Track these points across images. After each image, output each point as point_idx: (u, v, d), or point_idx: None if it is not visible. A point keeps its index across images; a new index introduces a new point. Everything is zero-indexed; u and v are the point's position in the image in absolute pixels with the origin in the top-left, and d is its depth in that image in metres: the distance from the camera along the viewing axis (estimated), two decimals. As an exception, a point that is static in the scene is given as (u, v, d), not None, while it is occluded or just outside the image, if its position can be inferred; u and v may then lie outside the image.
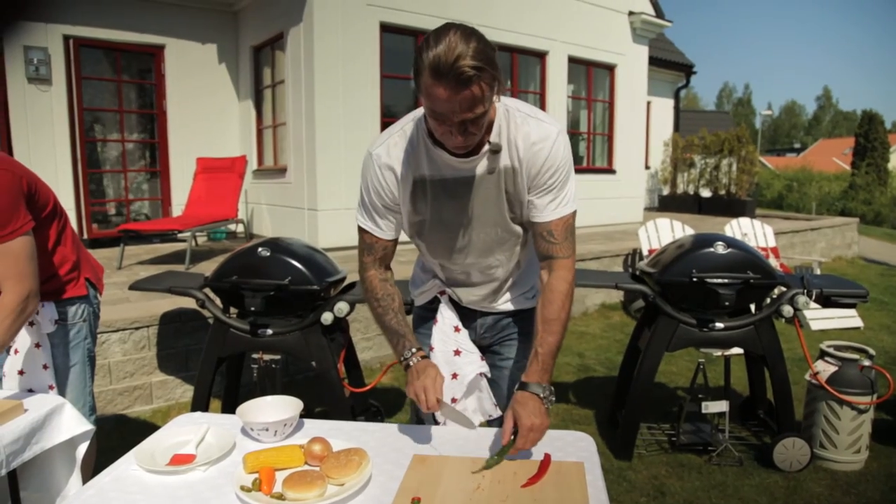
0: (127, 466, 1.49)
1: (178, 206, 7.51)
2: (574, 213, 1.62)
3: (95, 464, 2.16)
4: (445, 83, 1.30)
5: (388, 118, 6.79)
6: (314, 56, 6.24)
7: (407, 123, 1.61)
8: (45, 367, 2.15)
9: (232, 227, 7.64)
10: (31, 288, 1.90)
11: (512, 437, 1.46)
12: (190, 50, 7.58)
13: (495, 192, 1.59)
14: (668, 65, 13.17)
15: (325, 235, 6.28)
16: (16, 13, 6.36)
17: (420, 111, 1.56)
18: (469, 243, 1.69)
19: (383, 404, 3.48)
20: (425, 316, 1.92)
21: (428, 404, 1.52)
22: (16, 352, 2.13)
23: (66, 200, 6.86)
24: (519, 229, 1.67)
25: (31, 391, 2.08)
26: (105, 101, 7.50)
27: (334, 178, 6.43)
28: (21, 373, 2.13)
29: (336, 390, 2.78)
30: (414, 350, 1.64)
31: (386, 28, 6.70)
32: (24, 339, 2.13)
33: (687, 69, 13.94)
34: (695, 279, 2.97)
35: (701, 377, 3.23)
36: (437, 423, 1.77)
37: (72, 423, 1.98)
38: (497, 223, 1.65)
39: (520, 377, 1.58)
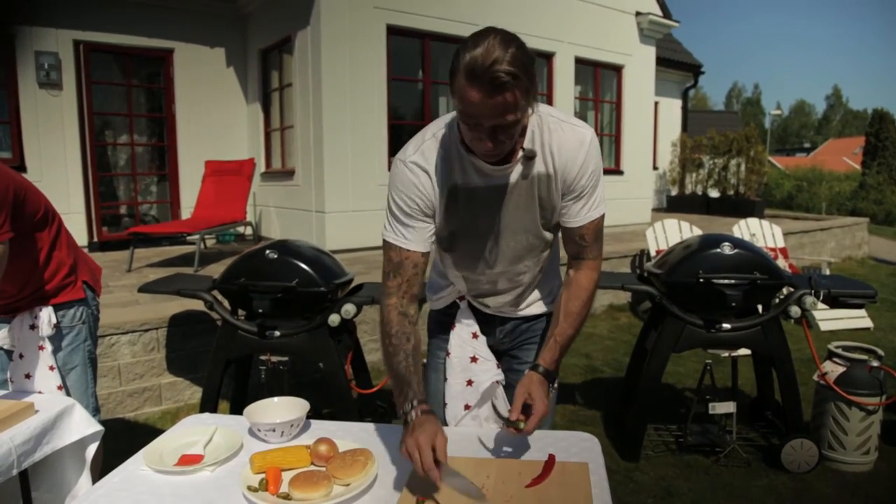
0: (136, 467, 1.51)
1: (186, 208, 7.56)
2: (603, 216, 1.64)
3: (104, 464, 2.18)
4: (479, 86, 1.28)
5: (395, 121, 6.82)
6: (321, 59, 6.27)
7: (439, 129, 1.56)
8: (51, 368, 2.17)
9: (240, 229, 7.68)
10: None
11: (521, 420, 1.47)
12: (198, 54, 7.64)
13: (528, 198, 1.57)
14: (676, 65, 13.12)
15: (332, 237, 6.31)
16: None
17: (450, 116, 1.54)
18: (499, 252, 1.66)
19: (390, 406, 3.49)
20: (443, 321, 1.89)
21: (424, 466, 1.29)
22: (20, 356, 2.15)
23: (77, 204, 6.93)
24: (549, 235, 1.67)
25: (39, 393, 2.10)
26: (114, 105, 7.57)
27: (342, 181, 6.46)
28: (28, 376, 2.16)
29: (343, 391, 2.80)
30: (415, 403, 1.42)
31: (393, 31, 6.72)
32: (27, 343, 2.15)
33: (695, 69, 13.88)
34: (701, 280, 2.96)
35: (708, 378, 3.23)
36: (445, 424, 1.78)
37: (81, 424, 2.00)
38: (528, 230, 1.63)
39: None
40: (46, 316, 2.15)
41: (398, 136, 6.78)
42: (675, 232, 6.33)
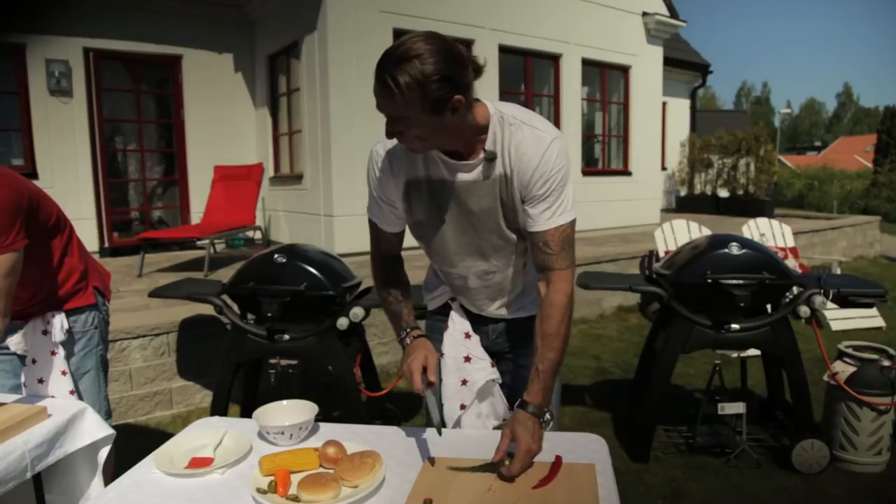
0: (147, 470, 1.52)
1: (196, 213, 7.61)
2: (572, 223, 1.58)
3: (116, 468, 2.20)
4: (376, 77, 1.37)
5: (402, 124, 6.82)
6: (328, 63, 6.30)
7: None
8: (63, 373, 2.20)
9: (250, 233, 7.72)
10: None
11: (506, 457, 1.44)
12: (207, 60, 7.69)
13: (490, 199, 1.58)
14: (684, 65, 13.08)
15: (341, 241, 6.33)
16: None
17: None
18: (465, 247, 1.68)
19: (399, 408, 3.50)
20: (436, 324, 1.92)
21: (415, 387, 1.57)
22: (33, 361, 2.18)
23: (87, 209, 6.99)
24: (514, 237, 1.65)
25: (52, 398, 2.13)
26: (124, 111, 7.64)
27: (350, 185, 6.48)
28: (41, 381, 2.18)
29: (352, 395, 2.81)
30: (408, 330, 1.72)
31: (399, 35, 6.73)
32: (40, 349, 2.18)
33: (703, 69, 13.84)
34: (709, 280, 2.96)
35: (717, 379, 3.22)
36: (444, 425, 1.79)
37: (93, 428, 2.02)
38: (492, 230, 1.63)
39: None
40: (59, 321, 2.17)
41: (406, 139, 6.78)
42: (683, 232, 6.31)
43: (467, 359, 1.80)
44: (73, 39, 6.84)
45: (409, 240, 1.80)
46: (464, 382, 1.79)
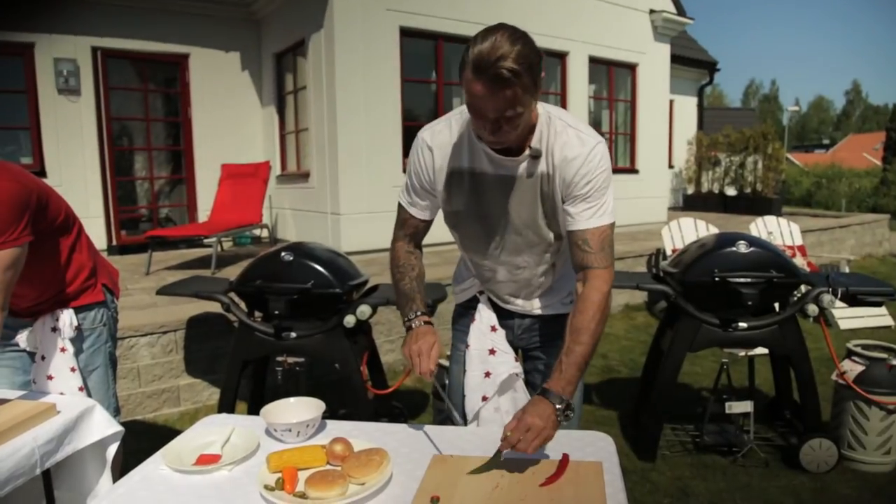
0: (155, 466, 1.53)
1: (203, 211, 7.64)
2: (612, 225, 1.61)
3: (124, 464, 2.21)
4: (484, 80, 1.34)
5: (409, 122, 6.83)
6: (335, 62, 6.31)
7: (455, 115, 1.65)
8: (72, 369, 2.21)
9: (257, 232, 7.74)
10: None
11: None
12: (214, 58, 7.71)
13: (531, 196, 1.62)
14: (691, 62, 13.03)
15: (347, 239, 6.34)
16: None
17: None
18: (500, 241, 1.72)
19: (406, 406, 3.51)
20: (464, 314, 1.96)
21: (420, 368, 1.59)
22: (42, 358, 2.19)
23: (96, 208, 7.02)
24: (550, 236, 1.69)
25: (61, 394, 2.14)
26: (132, 110, 7.66)
27: (357, 183, 6.49)
28: (50, 377, 2.19)
29: (359, 392, 2.81)
30: (418, 313, 1.71)
31: (406, 33, 6.74)
32: (49, 345, 2.19)
33: (710, 66, 13.78)
34: (717, 279, 2.95)
35: (725, 377, 3.21)
36: (465, 417, 1.80)
37: (102, 425, 2.03)
38: (529, 226, 1.67)
39: None
40: (68, 318, 2.18)
41: (412, 137, 6.76)
42: (691, 231, 6.30)
43: (492, 351, 1.83)
44: (81, 38, 6.87)
45: (437, 237, 1.82)
46: (487, 374, 1.81)
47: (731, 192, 12.60)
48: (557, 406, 1.46)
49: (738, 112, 25.61)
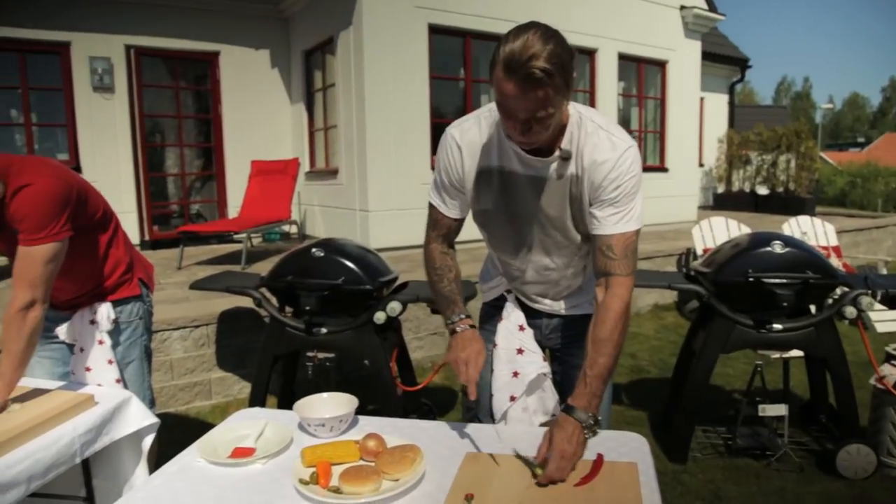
0: (191, 458, 1.55)
1: (233, 207, 7.72)
2: (637, 232, 1.58)
3: (158, 455, 2.24)
4: (515, 80, 1.31)
5: (437, 119, 6.83)
6: (364, 59, 6.33)
7: (484, 112, 1.63)
8: (109, 362, 2.25)
9: (285, 228, 7.80)
10: (36, 297, 1.90)
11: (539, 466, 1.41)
12: (244, 56, 7.79)
13: (560, 197, 1.60)
14: (722, 59, 12.82)
15: (376, 236, 6.36)
16: None
17: None
18: (528, 241, 1.70)
19: (435, 403, 3.51)
20: (492, 313, 1.94)
21: (467, 378, 1.55)
22: (81, 350, 2.24)
23: (129, 203, 7.14)
24: (578, 238, 1.67)
25: (99, 386, 2.18)
26: (164, 107, 7.77)
27: (385, 180, 6.51)
28: (88, 369, 2.24)
29: (388, 389, 2.82)
30: (462, 316, 1.68)
31: (434, 30, 6.74)
32: (87, 338, 2.23)
33: (742, 63, 13.56)
34: (751, 279, 2.90)
35: (758, 379, 3.15)
36: (492, 416, 1.79)
37: (139, 416, 2.07)
38: (558, 228, 1.65)
39: None
40: (105, 312, 2.22)
41: (440, 134, 6.77)
42: (722, 230, 6.20)
43: (520, 351, 1.81)
44: (115, 37, 6.99)
45: (465, 234, 1.81)
46: (515, 374, 1.80)
47: (762, 191, 12.39)
48: (584, 424, 1.47)
49: (770, 110, 25.16)
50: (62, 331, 2.25)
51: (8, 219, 1.92)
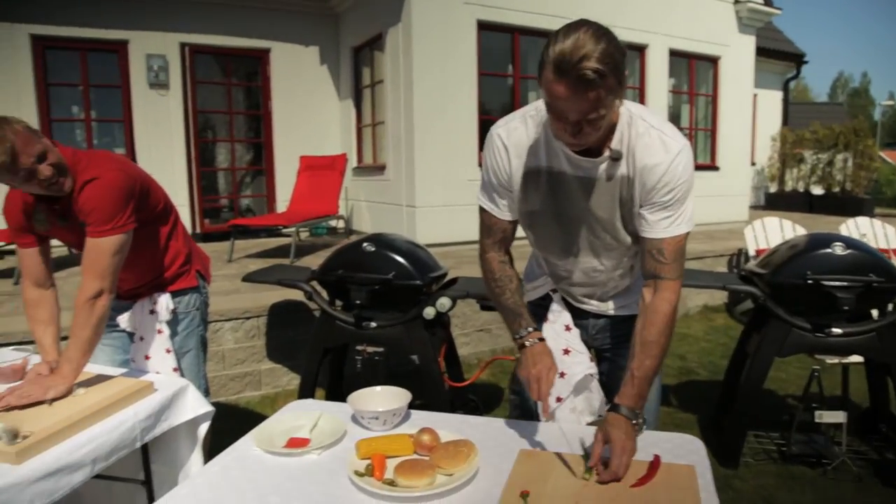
0: (247, 447, 1.58)
1: (282, 202, 7.85)
2: (687, 234, 1.55)
3: (210, 443, 2.30)
4: (566, 81, 1.26)
5: (485, 116, 6.82)
6: (412, 55, 6.35)
7: (530, 111, 1.58)
8: (167, 351, 2.31)
9: (332, 223, 7.90)
10: (104, 287, 1.96)
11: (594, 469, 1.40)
12: (293, 52, 7.90)
13: (609, 198, 1.55)
14: (777, 55, 12.46)
15: (422, 232, 6.38)
16: None
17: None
18: (577, 243, 1.66)
19: (481, 400, 3.51)
20: (536, 312, 1.89)
21: (541, 395, 1.51)
22: (141, 339, 2.31)
23: (181, 197, 7.32)
24: (628, 240, 1.63)
25: (157, 373, 2.24)
26: (216, 103, 7.95)
27: (432, 176, 6.52)
28: (147, 357, 2.30)
29: (437, 384, 2.83)
30: (530, 330, 1.62)
31: (483, 26, 6.72)
32: (147, 327, 2.30)
33: (797, 59, 13.15)
34: (810, 281, 2.81)
35: (815, 385, 3.06)
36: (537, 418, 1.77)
37: (195, 404, 2.12)
38: (607, 229, 1.61)
39: None
40: (164, 302, 2.29)
41: (487, 131, 6.77)
42: (776, 231, 6.03)
43: (566, 351, 1.79)
44: (170, 35, 7.18)
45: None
46: (562, 375, 1.77)
47: (817, 191, 12.03)
48: (634, 422, 1.47)
49: (826, 107, 24.35)
50: (123, 320, 2.32)
51: (76, 211, 1.99)
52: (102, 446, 1.73)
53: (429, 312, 2.78)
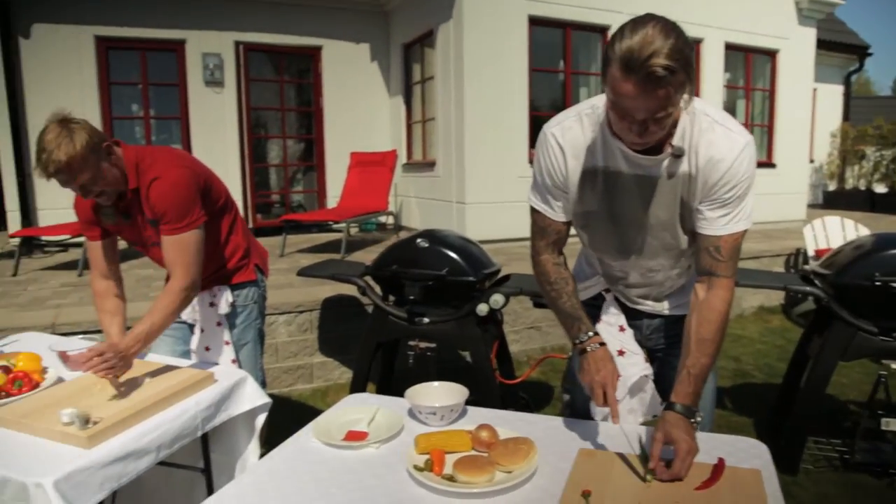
0: (306, 439, 1.61)
1: (332, 198, 7.95)
2: (745, 232, 1.51)
3: (267, 434, 2.34)
4: (634, 79, 1.23)
5: (535, 112, 6.77)
6: (463, 51, 6.34)
7: (585, 109, 1.54)
8: (226, 343, 2.37)
9: (382, 218, 7.95)
10: (194, 278, 2.08)
11: (661, 462, 1.37)
12: (344, 50, 7.98)
13: (671, 197, 1.51)
14: (839, 47, 11.96)
15: (472, 228, 6.37)
16: None
17: (600, 98, 1.49)
18: (634, 243, 1.63)
19: (531, 397, 3.49)
20: (588, 312, 1.85)
21: (608, 401, 1.48)
22: (201, 330, 2.36)
23: (234, 193, 7.44)
24: (687, 239, 1.59)
25: (216, 365, 2.30)
26: (268, 100, 8.08)
27: (482, 172, 6.51)
28: (207, 349, 2.36)
29: (489, 381, 2.83)
30: (591, 334, 1.59)
31: (534, 21, 6.67)
32: (207, 319, 2.35)
33: (860, 51, 12.61)
34: (878, 283, 2.71)
35: (882, 391, 2.95)
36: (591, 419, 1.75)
37: (253, 395, 2.16)
38: (666, 228, 1.57)
39: None
40: (224, 295, 2.34)
41: (538, 127, 6.70)
42: (837, 230, 5.83)
43: (621, 352, 1.75)
44: (226, 34, 7.34)
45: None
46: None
47: (880, 189, 11.57)
48: (691, 420, 1.45)
49: (890, 101, 23.35)
50: (184, 312, 2.37)
51: (147, 211, 2.06)
52: (166, 434, 1.78)
53: (482, 309, 2.78)
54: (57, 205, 6.33)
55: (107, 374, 1.85)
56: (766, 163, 8.79)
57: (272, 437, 1.72)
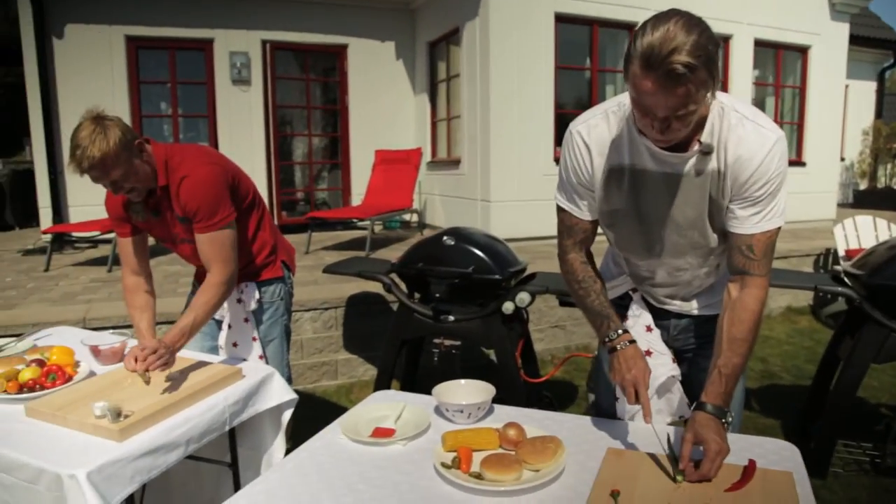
0: (333, 435, 1.62)
1: (357, 195, 7.98)
2: (779, 229, 1.49)
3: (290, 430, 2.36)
4: (654, 76, 1.21)
5: (562, 110, 6.74)
6: (489, 49, 6.33)
7: (611, 107, 1.53)
8: (253, 339, 2.39)
9: (406, 216, 7.97)
10: (232, 271, 2.14)
11: (691, 463, 1.36)
12: (370, 48, 8.01)
13: (699, 194, 1.49)
14: (872, 42, 11.67)
15: (497, 226, 6.34)
16: None
17: (627, 95, 1.46)
18: (662, 242, 1.60)
19: (555, 396, 3.48)
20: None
21: (640, 400, 1.47)
22: (229, 326, 2.39)
23: (261, 190, 7.53)
24: (716, 237, 1.56)
25: (244, 360, 2.32)
26: (294, 98, 8.14)
27: (508, 170, 6.49)
28: (235, 345, 2.39)
29: (514, 379, 2.83)
30: (621, 332, 1.57)
31: (561, 19, 6.63)
32: (234, 315, 2.38)
33: (895, 46, 12.33)
34: (912, 284, 2.66)
35: (915, 394, 2.89)
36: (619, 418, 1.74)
37: (280, 391, 2.18)
38: (694, 227, 1.55)
39: None
40: (252, 291, 2.36)
41: (564, 125, 6.65)
42: (868, 230, 5.72)
43: (648, 353, 1.73)
44: (253, 32, 7.40)
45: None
46: None
47: (913, 188, 11.33)
48: (722, 420, 1.43)
49: (925, 99, 22.82)
50: (214, 307, 2.41)
51: (177, 208, 2.09)
52: (195, 428, 1.80)
53: (507, 307, 2.77)
54: (88, 202, 6.44)
55: (162, 369, 1.91)
56: (796, 161, 8.64)
57: (297, 432, 1.74)
